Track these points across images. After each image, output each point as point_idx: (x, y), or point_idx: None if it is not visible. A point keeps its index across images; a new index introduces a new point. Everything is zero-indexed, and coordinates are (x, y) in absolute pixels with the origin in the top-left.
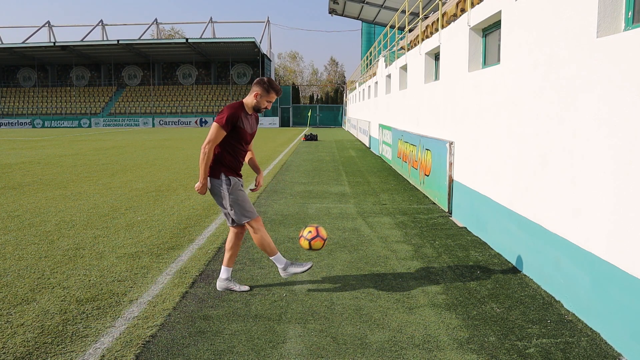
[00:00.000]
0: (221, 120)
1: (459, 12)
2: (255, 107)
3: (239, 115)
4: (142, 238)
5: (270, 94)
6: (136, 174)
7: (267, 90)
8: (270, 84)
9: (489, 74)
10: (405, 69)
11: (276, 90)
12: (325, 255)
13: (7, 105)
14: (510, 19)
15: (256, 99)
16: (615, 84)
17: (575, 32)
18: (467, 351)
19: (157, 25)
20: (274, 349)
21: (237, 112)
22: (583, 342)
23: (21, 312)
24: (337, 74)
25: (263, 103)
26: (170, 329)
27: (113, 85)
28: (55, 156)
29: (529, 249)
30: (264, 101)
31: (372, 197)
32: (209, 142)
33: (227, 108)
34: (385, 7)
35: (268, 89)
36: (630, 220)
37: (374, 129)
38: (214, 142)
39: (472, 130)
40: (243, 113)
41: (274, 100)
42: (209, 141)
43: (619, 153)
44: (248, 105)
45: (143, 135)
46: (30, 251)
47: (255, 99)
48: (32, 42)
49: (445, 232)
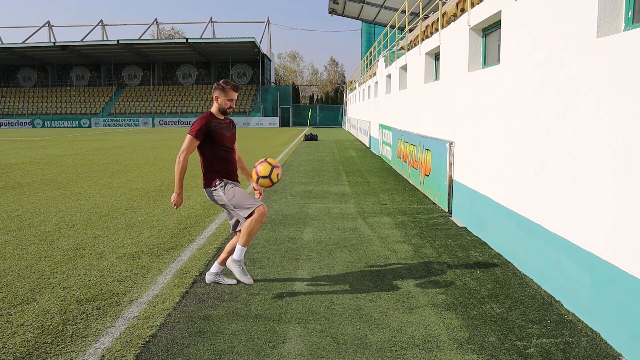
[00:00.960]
0: (192, 131)
1: (459, 12)
2: (221, 110)
3: (210, 123)
4: (142, 238)
5: (228, 92)
6: (136, 174)
7: (223, 89)
8: (225, 83)
9: (489, 74)
10: (405, 69)
11: (232, 86)
12: (325, 255)
13: (7, 105)
14: (510, 19)
15: (217, 102)
16: (615, 84)
17: (575, 32)
18: (467, 351)
19: (157, 25)
20: (274, 349)
21: (207, 120)
22: (583, 342)
23: (21, 312)
24: (337, 74)
25: (225, 103)
26: (170, 329)
27: (113, 85)
28: (55, 156)
29: (529, 249)
30: (225, 101)
31: (372, 197)
32: (182, 151)
33: (197, 120)
34: (385, 7)
35: (224, 88)
36: (630, 220)
37: (374, 129)
38: (187, 151)
39: (472, 130)
40: (214, 120)
41: (235, 98)
42: (183, 151)
43: (619, 153)
44: (216, 112)
45: (143, 135)
46: (30, 251)
47: (217, 102)
48: (32, 42)
49: (445, 232)
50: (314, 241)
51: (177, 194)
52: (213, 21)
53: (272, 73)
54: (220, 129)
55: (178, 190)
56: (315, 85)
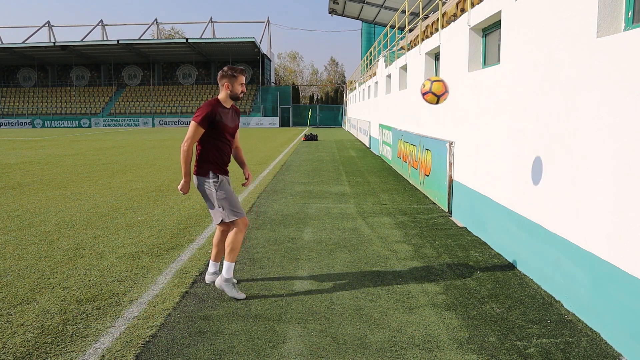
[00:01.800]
0: (197, 118)
1: (459, 12)
2: (232, 97)
3: (216, 111)
4: (142, 238)
5: (238, 77)
6: (136, 174)
7: (233, 75)
8: (231, 70)
9: (489, 74)
10: (405, 69)
11: (240, 70)
12: (325, 255)
13: (7, 105)
14: (510, 19)
15: (229, 89)
16: (615, 84)
17: (575, 32)
18: (467, 351)
19: (157, 25)
20: (274, 349)
21: (213, 108)
22: (583, 342)
23: (21, 312)
24: (337, 74)
25: (237, 88)
26: (170, 329)
27: (113, 85)
28: (55, 156)
29: (529, 249)
30: (237, 86)
31: (372, 197)
32: (187, 140)
33: (203, 106)
34: (385, 7)
35: (233, 74)
36: (630, 220)
37: (374, 129)
38: (192, 140)
39: (472, 130)
40: (220, 108)
41: (244, 82)
42: (187, 139)
43: (619, 153)
44: (224, 100)
45: (143, 135)
46: (30, 251)
47: (228, 90)
48: (32, 42)
49: (445, 232)
50: (314, 241)
51: (185, 182)
52: (213, 21)
53: (272, 73)
54: (224, 120)
55: (186, 178)
56: (315, 85)
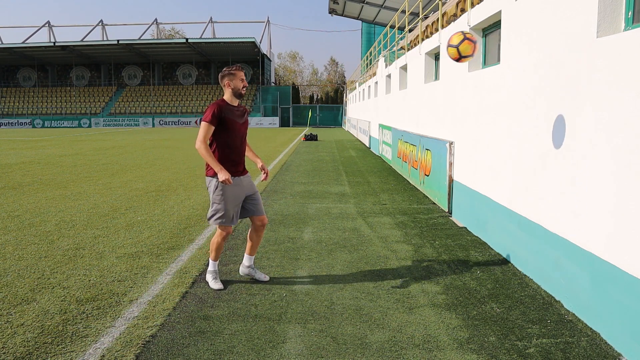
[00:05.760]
0: (206, 118)
1: (459, 12)
2: (235, 94)
3: (223, 108)
4: (142, 238)
5: (237, 74)
6: (136, 174)
7: (232, 73)
8: (229, 68)
9: (489, 74)
10: (405, 69)
11: (237, 67)
12: (325, 255)
13: (7, 105)
14: (510, 19)
15: (231, 87)
16: (615, 84)
17: (575, 32)
18: (467, 351)
19: (157, 25)
20: (274, 349)
21: (220, 106)
22: (583, 342)
23: (21, 312)
24: (337, 74)
25: (238, 84)
26: (170, 329)
27: (113, 85)
28: (55, 156)
29: (529, 249)
30: (237, 82)
31: (372, 197)
32: (199, 140)
33: (210, 106)
34: (385, 7)
35: (232, 72)
36: (630, 220)
37: (374, 129)
38: (204, 138)
39: (472, 130)
40: (227, 106)
41: (244, 77)
42: (199, 139)
43: (619, 153)
44: (229, 99)
45: (143, 135)
46: (30, 251)
47: (230, 87)
48: (32, 42)
49: (445, 232)
50: (314, 241)
51: (220, 170)
52: (213, 21)
53: (272, 73)
54: (233, 116)
55: (219, 169)
56: (315, 85)
